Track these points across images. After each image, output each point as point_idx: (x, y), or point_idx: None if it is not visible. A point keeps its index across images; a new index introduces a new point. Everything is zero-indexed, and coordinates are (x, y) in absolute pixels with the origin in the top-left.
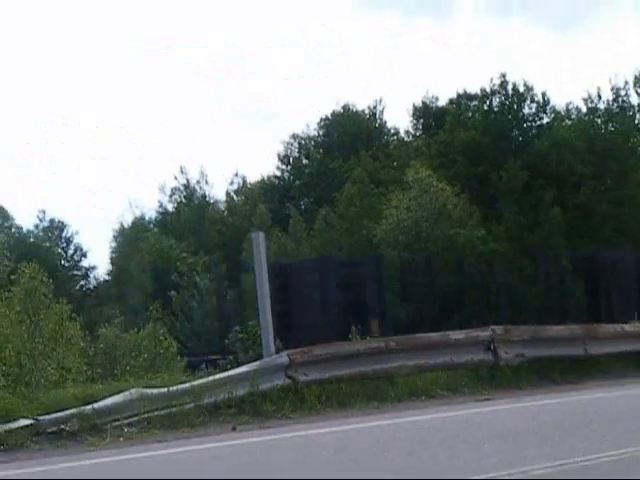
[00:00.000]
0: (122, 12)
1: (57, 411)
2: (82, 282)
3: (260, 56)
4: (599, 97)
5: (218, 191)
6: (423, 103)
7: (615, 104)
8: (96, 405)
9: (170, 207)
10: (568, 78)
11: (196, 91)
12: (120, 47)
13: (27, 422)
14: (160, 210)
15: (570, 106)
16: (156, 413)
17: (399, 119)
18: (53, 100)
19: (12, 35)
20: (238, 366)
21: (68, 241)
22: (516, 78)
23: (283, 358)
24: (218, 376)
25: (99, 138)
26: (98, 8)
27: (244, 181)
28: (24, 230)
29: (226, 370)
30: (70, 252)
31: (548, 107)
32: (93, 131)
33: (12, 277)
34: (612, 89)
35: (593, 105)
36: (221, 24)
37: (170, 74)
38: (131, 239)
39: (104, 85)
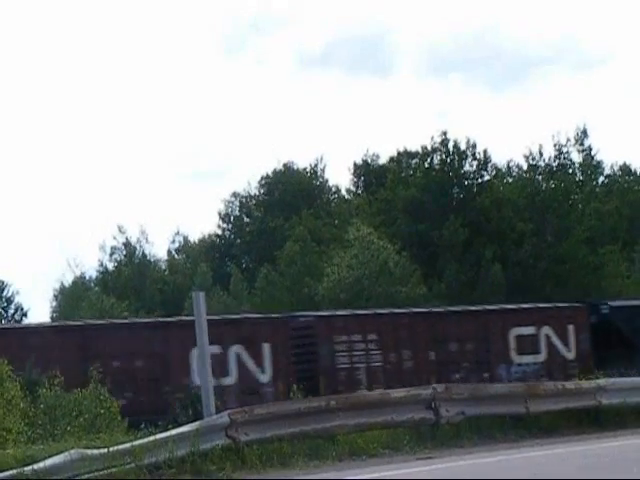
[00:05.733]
0: (64, 66)
1: None
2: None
3: (201, 114)
4: (540, 154)
5: (159, 250)
6: (364, 161)
7: (557, 161)
8: (36, 466)
9: (111, 266)
10: (509, 136)
11: (136, 149)
12: (60, 104)
13: None
14: (100, 269)
15: (511, 163)
16: (96, 473)
17: (340, 177)
18: None
19: None
20: (178, 426)
21: (9, 301)
22: (457, 136)
23: (224, 418)
24: (159, 436)
25: (39, 196)
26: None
27: (185, 240)
28: None
29: (167, 430)
30: (11, 312)
31: (489, 164)
32: (32, 189)
33: None
34: (555, 145)
35: (534, 162)
36: (161, 82)
37: (109, 131)
38: (72, 298)
39: (43, 141)
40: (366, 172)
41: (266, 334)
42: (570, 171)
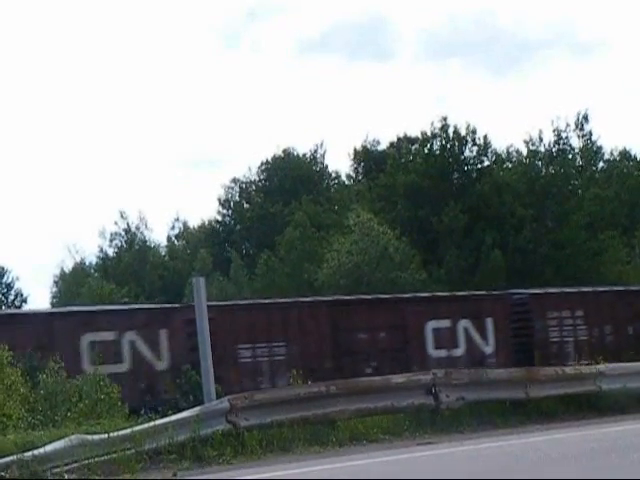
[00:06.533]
0: (63, 54)
1: None
2: None
3: (201, 100)
4: (540, 139)
5: (159, 236)
6: (364, 147)
7: (556, 146)
8: (36, 452)
9: (111, 252)
10: (509, 121)
11: (136, 136)
12: (60, 93)
13: None
14: (101, 255)
15: (511, 149)
16: (96, 459)
17: (340, 163)
18: None
19: None
20: (179, 411)
21: (9, 287)
22: (457, 121)
23: (224, 403)
24: (159, 422)
25: (39, 182)
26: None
27: (185, 225)
28: None
29: (167, 415)
30: (11, 298)
31: (489, 150)
32: (32, 176)
33: None
34: (554, 131)
35: (534, 147)
36: (160, 69)
37: (110, 118)
38: (72, 284)
39: (43, 128)
40: (366, 158)
41: (489, 309)
42: (570, 156)
